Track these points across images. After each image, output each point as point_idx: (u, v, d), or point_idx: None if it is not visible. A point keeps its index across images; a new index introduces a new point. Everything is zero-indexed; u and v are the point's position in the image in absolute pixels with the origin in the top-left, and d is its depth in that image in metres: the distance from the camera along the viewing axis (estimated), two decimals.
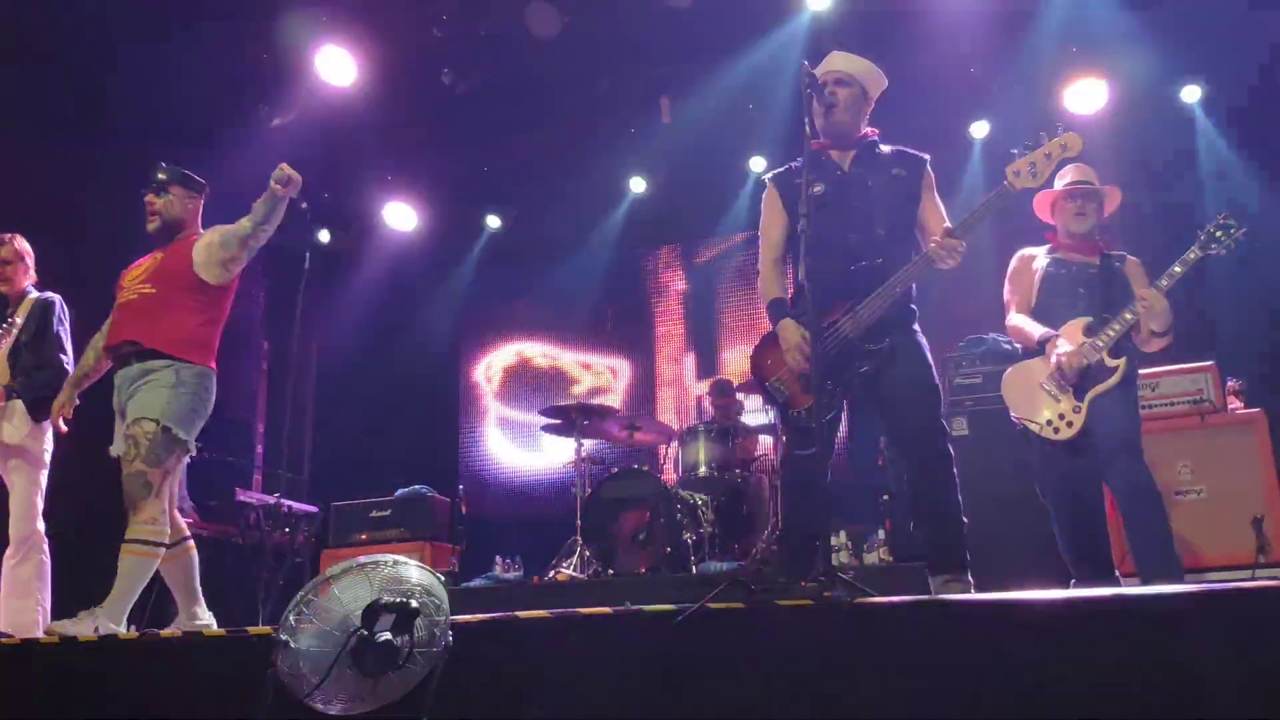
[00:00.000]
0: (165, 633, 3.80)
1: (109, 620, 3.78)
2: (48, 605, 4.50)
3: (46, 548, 4.56)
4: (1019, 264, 4.29)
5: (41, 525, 4.55)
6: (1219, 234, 3.90)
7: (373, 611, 2.55)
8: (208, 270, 4.16)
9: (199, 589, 4.23)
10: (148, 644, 3.51)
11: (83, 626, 3.68)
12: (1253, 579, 4.43)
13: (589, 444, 6.88)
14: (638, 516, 6.04)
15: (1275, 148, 6.98)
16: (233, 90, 7.33)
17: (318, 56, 7.10)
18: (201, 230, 4.35)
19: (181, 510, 6.91)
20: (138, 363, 4.05)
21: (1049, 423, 3.97)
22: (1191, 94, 7.42)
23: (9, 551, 4.50)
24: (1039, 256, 4.24)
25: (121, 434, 4.05)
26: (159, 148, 7.07)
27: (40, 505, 4.57)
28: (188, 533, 4.27)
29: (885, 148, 3.80)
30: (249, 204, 4.23)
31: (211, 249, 4.17)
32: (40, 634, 4.04)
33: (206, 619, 4.20)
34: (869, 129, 3.81)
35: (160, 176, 4.29)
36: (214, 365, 4.21)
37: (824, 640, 2.67)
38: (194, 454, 4.14)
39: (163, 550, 3.96)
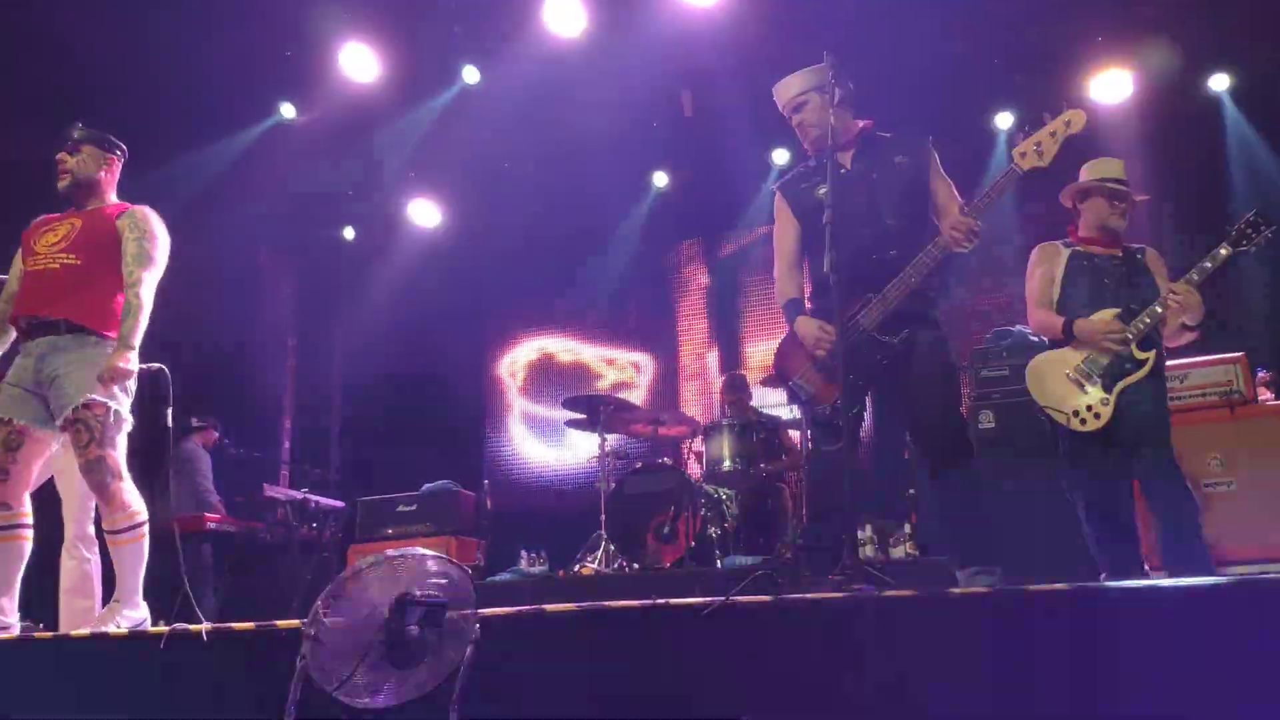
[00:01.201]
0: (195, 628, 3.83)
1: (130, 611, 3.79)
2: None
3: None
4: (1041, 256, 4.25)
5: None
6: (1250, 232, 3.86)
7: (400, 605, 2.56)
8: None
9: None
10: (177, 638, 3.54)
11: (111, 622, 3.70)
12: None
13: (613, 439, 6.89)
14: (662, 511, 6.05)
15: None
16: (257, 86, 7.38)
17: (341, 53, 7.14)
18: (115, 199, 4.17)
19: (209, 505, 7.05)
20: (68, 334, 3.86)
21: (1076, 414, 3.94)
22: (1219, 83, 7.35)
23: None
24: (1061, 250, 4.21)
25: (18, 399, 3.87)
26: (181, 144, 7.20)
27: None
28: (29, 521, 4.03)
29: (885, 135, 3.77)
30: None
31: (137, 254, 3.96)
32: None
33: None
34: (863, 121, 3.78)
35: (75, 135, 4.12)
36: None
37: (851, 634, 2.67)
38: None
39: (145, 527, 3.92)
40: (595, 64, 7.20)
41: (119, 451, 3.89)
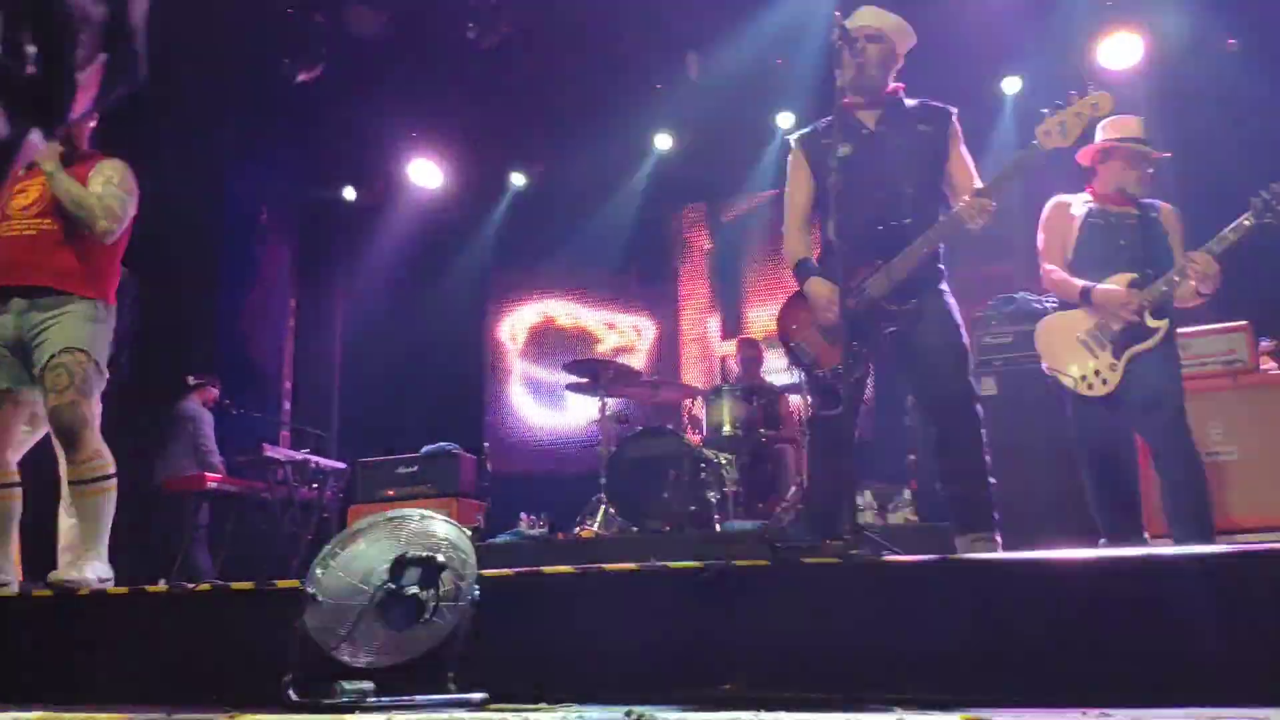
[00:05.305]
0: (194, 586, 3.84)
1: (99, 564, 3.76)
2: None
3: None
4: (1054, 212, 4.17)
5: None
6: (1276, 203, 3.79)
7: (399, 565, 2.56)
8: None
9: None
10: (176, 596, 3.55)
11: (84, 574, 3.67)
12: None
13: (613, 403, 6.88)
14: (662, 475, 6.05)
15: None
16: (256, 43, 7.30)
17: (343, 9, 7.06)
18: (97, 154, 4.07)
19: (211, 465, 7.06)
20: (50, 297, 3.82)
21: (1083, 378, 3.91)
22: (1230, 46, 7.26)
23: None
24: (1075, 205, 4.13)
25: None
26: (179, 102, 7.13)
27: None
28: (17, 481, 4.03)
29: (911, 103, 3.73)
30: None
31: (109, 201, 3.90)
32: None
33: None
34: (895, 85, 3.75)
35: None
36: (114, 300, 4.03)
37: (849, 598, 2.67)
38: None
39: (114, 480, 3.88)
40: (601, 24, 7.13)
41: (93, 403, 3.87)
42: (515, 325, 9.75)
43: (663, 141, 8.77)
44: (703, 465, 6.02)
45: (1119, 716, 1.61)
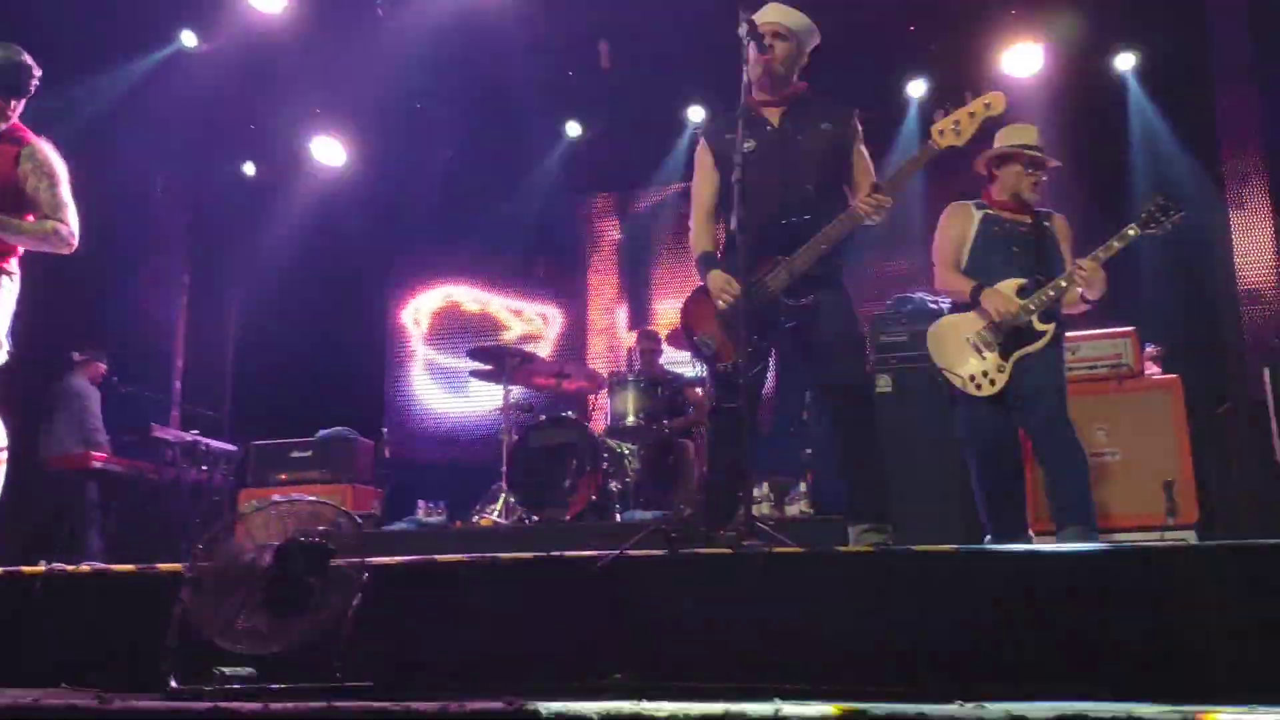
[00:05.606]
0: (73, 569, 3.71)
1: None
2: None
3: None
4: (950, 217, 4.28)
5: None
6: (1160, 215, 3.93)
7: (285, 551, 2.51)
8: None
9: None
10: (54, 579, 3.42)
11: None
12: (1161, 540, 4.56)
13: (517, 391, 6.84)
14: (564, 464, 6.03)
15: (1200, 119, 7.12)
16: (154, 12, 7.07)
17: None
18: (24, 131, 3.87)
19: (97, 443, 6.82)
20: None
21: (972, 378, 4.01)
22: (1125, 62, 7.53)
23: None
24: (972, 212, 4.24)
25: None
26: (73, 71, 6.86)
27: None
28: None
29: (815, 101, 3.78)
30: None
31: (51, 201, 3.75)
32: None
33: None
34: (799, 83, 3.79)
35: None
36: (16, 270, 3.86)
37: (740, 589, 2.69)
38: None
39: (6, 454, 3.71)
40: (513, 6, 7.06)
41: None
42: (419, 309, 9.61)
43: (573, 129, 8.72)
44: (605, 455, 6.03)
45: (994, 709, 1.66)
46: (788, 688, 2.12)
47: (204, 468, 7.31)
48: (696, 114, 8.19)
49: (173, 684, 2.44)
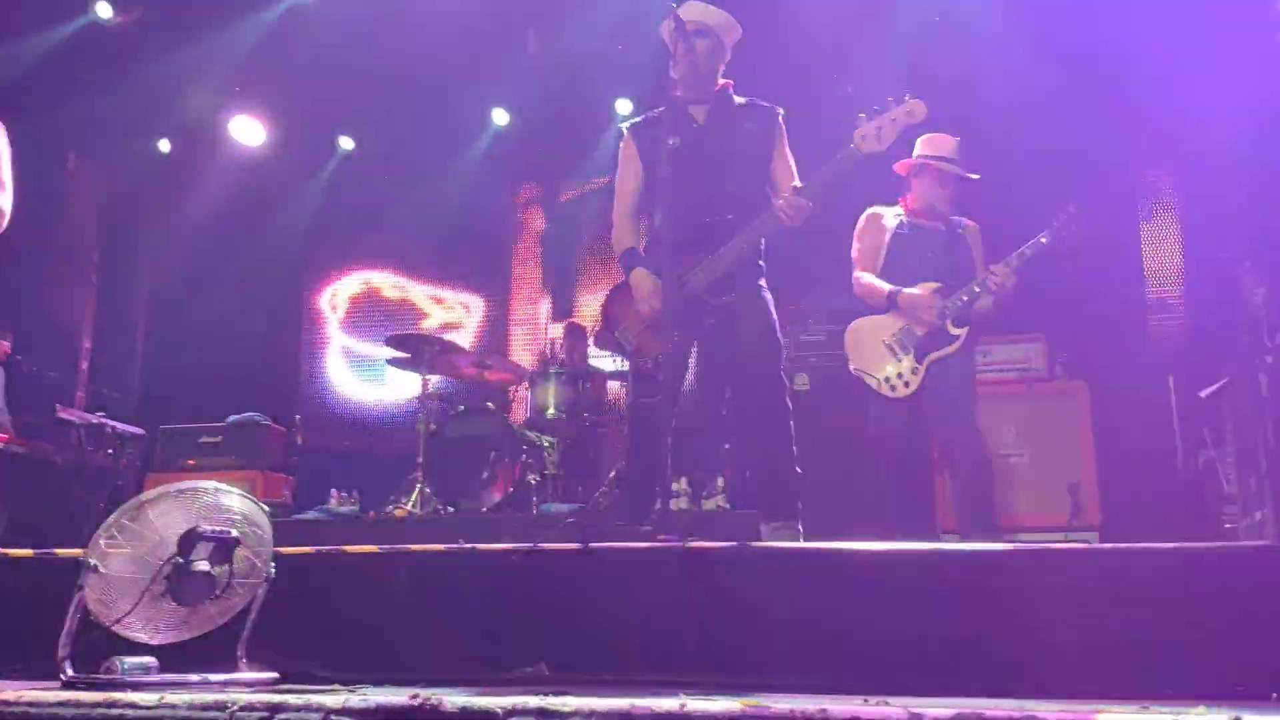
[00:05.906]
0: None
1: None
2: None
3: None
4: (868, 223, 4.37)
5: None
6: (1072, 225, 4.05)
7: (190, 539, 2.44)
8: None
9: None
10: None
11: None
12: (1065, 541, 4.69)
13: (436, 380, 6.77)
14: (482, 455, 5.99)
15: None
16: None
17: None
18: None
19: None
20: None
21: (887, 380, 4.09)
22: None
23: None
24: (888, 216, 4.33)
25: None
26: None
27: None
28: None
29: (740, 100, 3.81)
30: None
31: None
32: None
33: None
34: (724, 81, 3.81)
35: None
36: None
37: (654, 584, 2.70)
38: None
39: None
40: None
41: None
42: (336, 294, 9.42)
43: (500, 117, 8.63)
44: (524, 447, 6.01)
45: (896, 705, 1.69)
46: (697, 681, 2.14)
47: (110, 451, 7.09)
48: (624, 107, 8.16)
49: (69, 673, 2.37)
